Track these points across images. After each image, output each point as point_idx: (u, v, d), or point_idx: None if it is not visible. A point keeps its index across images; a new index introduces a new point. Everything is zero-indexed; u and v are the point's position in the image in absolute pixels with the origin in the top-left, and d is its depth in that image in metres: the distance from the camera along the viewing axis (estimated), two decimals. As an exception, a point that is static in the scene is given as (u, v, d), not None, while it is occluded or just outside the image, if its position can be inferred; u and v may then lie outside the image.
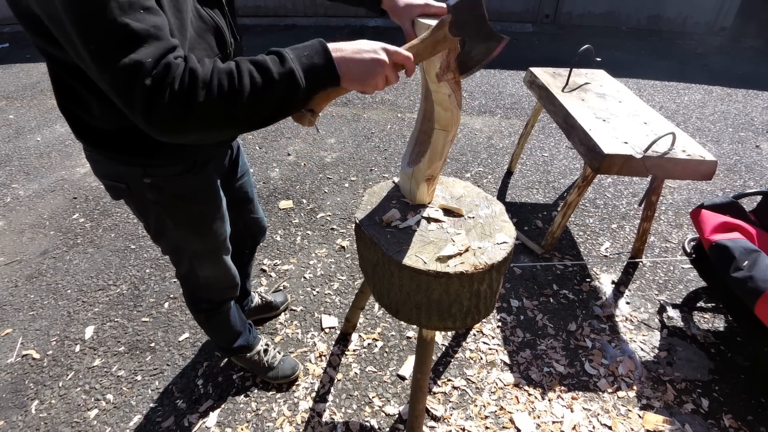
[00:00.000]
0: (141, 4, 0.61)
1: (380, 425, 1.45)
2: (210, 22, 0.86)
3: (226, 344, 1.44)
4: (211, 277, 1.21)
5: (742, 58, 5.07)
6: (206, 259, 1.16)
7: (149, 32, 0.60)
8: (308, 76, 0.69)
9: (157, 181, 0.95)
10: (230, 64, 0.66)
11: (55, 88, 0.83)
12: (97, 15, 0.58)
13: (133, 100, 0.61)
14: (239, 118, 0.66)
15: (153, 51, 0.60)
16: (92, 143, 0.90)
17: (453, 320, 1.06)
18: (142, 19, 0.60)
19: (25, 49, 5.36)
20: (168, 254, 1.17)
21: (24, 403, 1.52)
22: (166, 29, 0.64)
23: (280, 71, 0.67)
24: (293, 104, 0.70)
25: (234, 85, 0.64)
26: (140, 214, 1.04)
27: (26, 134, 3.40)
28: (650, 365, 1.64)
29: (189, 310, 1.36)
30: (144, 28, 0.60)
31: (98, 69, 0.61)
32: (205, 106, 0.63)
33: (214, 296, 1.29)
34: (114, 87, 0.61)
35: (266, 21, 6.29)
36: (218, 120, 0.65)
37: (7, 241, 2.28)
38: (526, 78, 2.54)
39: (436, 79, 0.91)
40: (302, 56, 0.69)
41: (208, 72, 0.63)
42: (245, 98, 0.64)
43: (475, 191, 1.23)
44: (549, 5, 5.98)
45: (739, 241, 1.50)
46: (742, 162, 2.99)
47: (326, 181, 2.75)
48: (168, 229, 1.06)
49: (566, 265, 2.09)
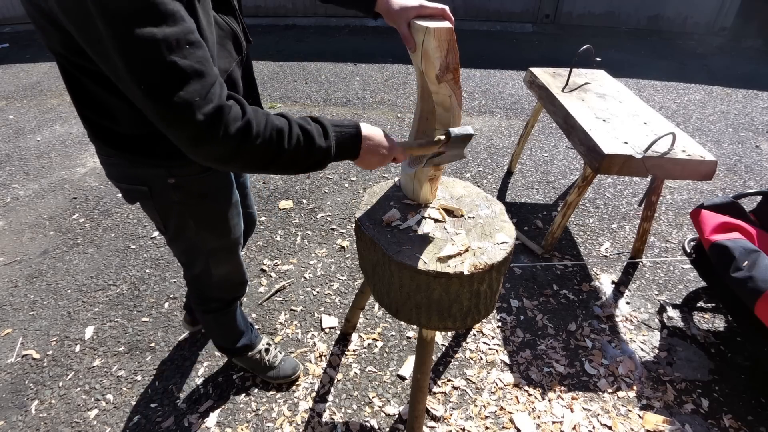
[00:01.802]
0: (187, 39, 0.63)
1: (380, 425, 1.45)
2: (227, 29, 0.87)
3: (230, 344, 1.44)
4: (224, 275, 1.22)
5: (742, 58, 5.07)
6: (222, 257, 1.18)
7: (195, 69, 0.63)
8: (338, 152, 0.83)
9: (181, 181, 0.96)
10: (282, 122, 0.75)
11: (74, 96, 0.82)
12: (148, 56, 0.59)
13: (181, 134, 0.66)
14: (274, 167, 0.77)
15: (199, 88, 0.64)
16: (116, 147, 0.89)
17: (453, 320, 1.06)
18: (189, 54, 0.63)
19: (25, 49, 5.36)
20: (181, 255, 1.18)
21: (24, 403, 1.52)
22: (209, 61, 0.67)
23: (321, 145, 0.79)
24: (319, 168, 0.84)
25: (282, 143, 0.74)
26: (161, 215, 1.04)
27: (26, 134, 3.40)
28: (650, 365, 1.64)
29: (196, 312, 1.37)
30: (190, 65, 0.63)
31: (151, 105, 0.63)
32: (252, 153, 0.72)
33: (225, 295, 1.30)
34: (163, 119, 0.65)
35: (266, 21, 6.29)
36: (257, 164, 0.75)
37: (7, 241, 2.28)
38: (526, 78, 2.54)
39: (437, 81, 0.91)
40: (339, 135, 0.83)
41: (262, 125, 0.72)
42: (286, 156, 0.75)
43: (475, 191, 1.23)
44: (549, 5, 5.98)
45: (739, 241, 1.50)
46: (742, 162, 2.99)
47: (326, 181, 2.75)
48: (188, 229, 1.07)
49: (566, 265, 2.09)
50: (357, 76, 4.41)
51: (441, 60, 0.88)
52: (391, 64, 4.73)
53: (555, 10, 6.00)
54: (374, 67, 4.65)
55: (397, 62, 4.78)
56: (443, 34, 0.85)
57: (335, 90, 4.10)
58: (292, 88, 4.15)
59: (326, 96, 3.99)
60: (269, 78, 4.38)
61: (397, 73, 4.51)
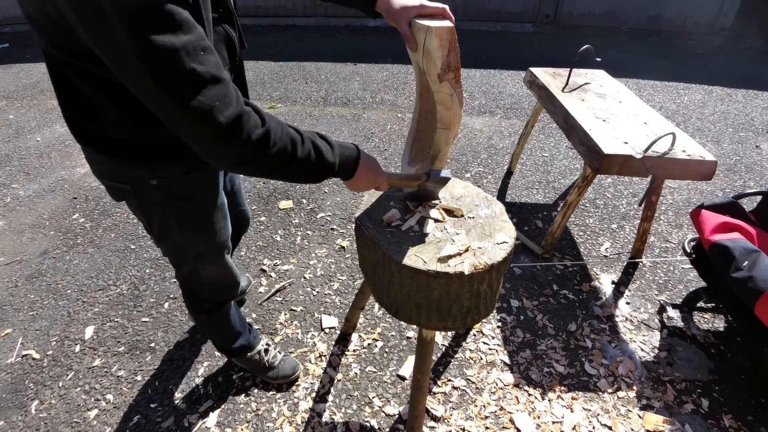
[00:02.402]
0: (201, 46, 0.64)
1: (380, 425, 1.45)
2: (222, 33, 0.88)
3: (226, 344, 1.44)
4: (213, 276, 1.21)
5: (742, 58, 5.07)
6: (209, 260, 1.16)
7: (212, 74, 0.65)
8: (338, 170, 0.90)
9: (164, 183, 0.95)
10: (295, 133, 0.80)
11: (61, 97, 0.83)
12: (169, 63, 0.61)
13: (203, 136, 0.68)
14: (282, 175, 0.82)
15: (218, 93, 0.66)
16: (98, 150, 0.89)
17: (453, 320, 1.06)
18: (204, 61, 0.64)
19: (25, 49, 5.36)
20: (169, 256, 1.17)
21: (24, 403, 1.52)
22: (221, 66, 0.69)
23: (329, 160, 0.86)
24: (319, 181, 0.89)
25: (295, 153, 0.79)
26: (144, 215, 1.04)
27: (26, 134, 3.40)
28: (650, 365, 1.64)
29: (189, 312, 1.37)
30: (207, 71, 0.65)
31: (175, 109, 0.65)
32: (267, 159, 0.75)
33: (216, 296, 1.29)
34: (186, 123, 0.67)
35: (266, 21, 6.29)
36: (269, 170, 0.79)
37: (7, 241, 2.28)
38: (526, 78, 2.54)
39: (438, 80, 0.91)
40: (342, 155, 0.90)
41: (278, 133, 0.76)
42: (295, 166, 0.80)
43: (475, 191, 1.23)
44: (549, 5, 5.98)
45: (739, 241, 1.50)
46: (742, 162, 2.99)
47: (326, 181, 2.75)
48: (172, 231, 1.06)
49: (566, 265, 2.09)
50: (357, 76, 4.41)
51: (443, 59, 0.88)
52: (391, 64, 4.73)
53: (555, 10, 6.00)
54: (374, 67, 4.65)
55: (397, 62, 4.78)
56: (445, 33, 0.85)
57: (335, 90, 4.10)
58: (292, 88, 4.15)
59: (326, 96, 3.99)
60: (269, 78, 4.38)
61: (397, 73, 4.51)
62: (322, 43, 5.47)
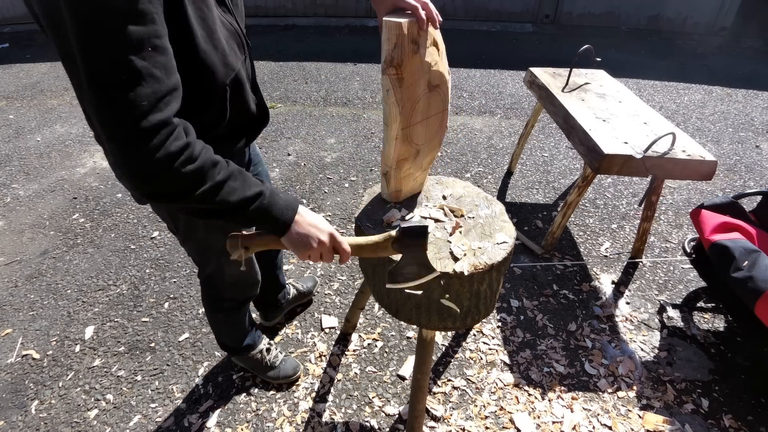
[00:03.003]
0: (151, 42, 0.61)
1: (380, 425, 1.45)
2: (230, 28, 0.88)
3: (236, 343, 1.45)
4: (237, 274, 1.22)
5: (742, 58, 5.07)
6: None
7: (151, 72, 0.61)
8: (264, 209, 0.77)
9: None
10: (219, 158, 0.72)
11: (79, 97, 0.81)
12: (104, 46, 0.58)
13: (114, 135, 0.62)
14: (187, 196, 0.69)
15: (149, 93, 0.61)
16: None
17: (453, 320, 1.06)
18: (148, 57, 0.61)
19: (25, 49, 5.36)
20: (194, 255, 1.18)
21: (24, 403, 1.52)
22: (170, 70, 0.65)
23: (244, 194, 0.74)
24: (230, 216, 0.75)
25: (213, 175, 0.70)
26: (170, 216, 1.05)
27: (26, 134, 3.40)
28: (650, 365, 1.64)
29: (206, 310, 1.37)
30: (146, 66, 0.61)
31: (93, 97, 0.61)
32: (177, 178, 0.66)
33: (237, 295, 1.30)
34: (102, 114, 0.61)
35: (266, 21, 6.28)
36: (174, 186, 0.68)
37: (7, 241, 2.28)
38: (526, 78, 2.54)
39: (381, 72, 0.90)
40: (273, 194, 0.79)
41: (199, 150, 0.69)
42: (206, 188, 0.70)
43: (475, 191, 1.23)
44: (549, 5, 5.98)
45: (739, 241, 1.50)
46: (742, 162, 2.99)
47: (326, 181, 2.75)
48: (198, 230, 1.07)
49: (566, 265, 2.09)
50: (357, 76, 4.41)
51: (387, 52, 0.87)
52: (391, 64, 4.72)
53: (555, 10, 6.00)
54: (374, 67, 4.64)
55: (397, 62, 4.78)
56: (393, 27, 0.85)
57: (335, 90, 4.10)
58: (292, 88, 4.15)
59: (326, 96, 3.99)
60: (269, 78, 4.38)
61: (397, 73, 4.51)
62: (322, 43, 5.47)
